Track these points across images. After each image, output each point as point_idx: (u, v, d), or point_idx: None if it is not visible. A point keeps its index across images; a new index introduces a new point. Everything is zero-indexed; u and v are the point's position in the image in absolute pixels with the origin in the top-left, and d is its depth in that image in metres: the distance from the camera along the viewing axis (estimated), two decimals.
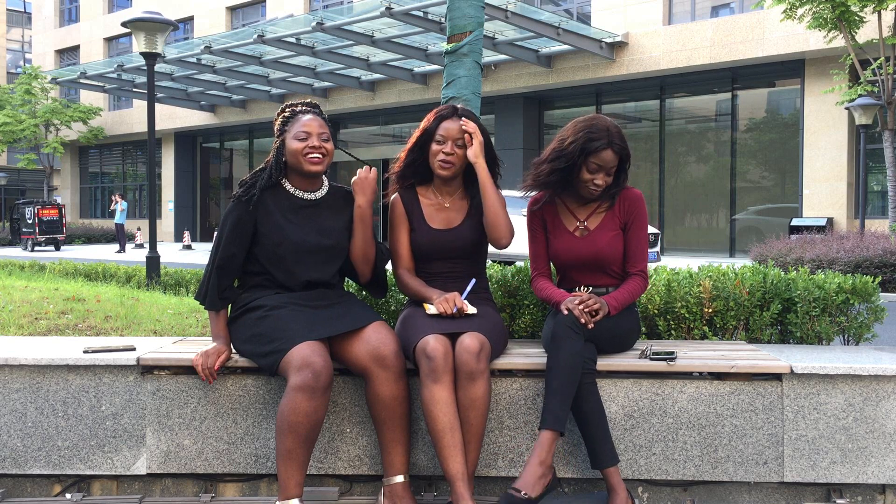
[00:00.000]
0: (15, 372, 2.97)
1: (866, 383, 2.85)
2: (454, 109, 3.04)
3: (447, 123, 2.99)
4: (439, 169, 2.99)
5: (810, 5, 14.13)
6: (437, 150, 2.98)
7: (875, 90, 14.44)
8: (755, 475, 2.87)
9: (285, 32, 18.91)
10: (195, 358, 2.85)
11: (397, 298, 3.50)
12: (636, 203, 3.04)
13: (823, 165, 17.01)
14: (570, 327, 2.73)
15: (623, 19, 18.91)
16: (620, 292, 2.96)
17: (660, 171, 19.81)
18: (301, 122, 2.90)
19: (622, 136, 2.96)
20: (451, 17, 3.96)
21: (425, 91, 21.72)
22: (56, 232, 25.28)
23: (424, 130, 3.02)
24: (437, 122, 3.01)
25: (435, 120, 3.01)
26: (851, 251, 11.16)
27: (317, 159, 2.87)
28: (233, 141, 30.23)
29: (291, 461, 2.59)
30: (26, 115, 31.09)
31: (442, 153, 2.97)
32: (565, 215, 3.09)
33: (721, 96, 19.06)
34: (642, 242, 3.04)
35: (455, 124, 2.98)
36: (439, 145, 2.98)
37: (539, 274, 3.13)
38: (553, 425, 2.63)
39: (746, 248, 16.17)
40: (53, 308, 5.16)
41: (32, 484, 3.03)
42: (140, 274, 8.31)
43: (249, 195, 2.88)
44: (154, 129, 9.90)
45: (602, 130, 2.92)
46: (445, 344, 2.70)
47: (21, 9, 47.46)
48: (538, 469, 2.61)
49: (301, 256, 2.91)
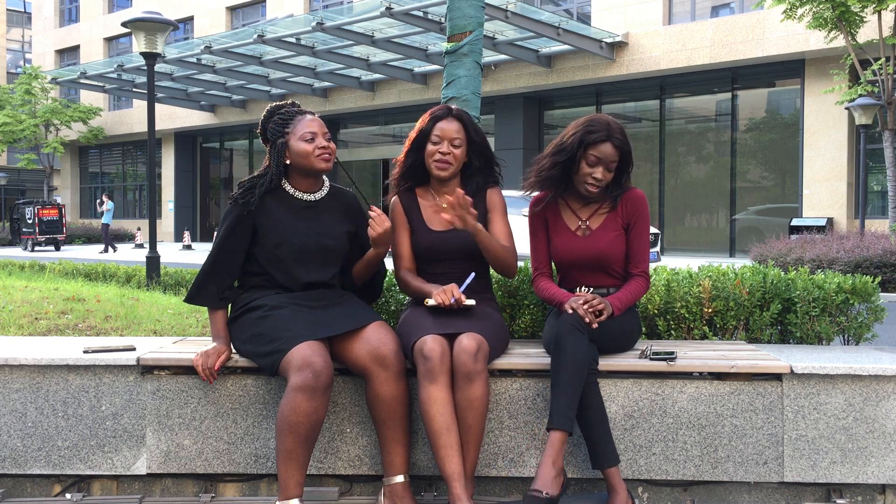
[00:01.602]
0: (15, 372, 2.97)
1: (866, 383, 2.85)
2: (449, 110, 3.05)
3: (442, 124, 3.00)
4: (436, 170, 3.00)
5: (810, 5, 14.13)
6: (433, 151, 2.99)
7: (875, 90, 14.43)
8: (755, 475, 2.87)
9: (285, 32, 18.91)
10: (195, 358, 2.85)
11: (397, 298, 3.50)
12: (639, 204, 3.03)
13: (823, 165, 17.01)
14: (575, 326, 2.72)
15: (623, 19, 18.91)
16: (623, 293, 2.96)
17: (660, 171, 19.81)
18: (303, 123, 2.90)
19: (624, 133, 2.95)
20: (451, 17, 3.96)
21: (425, 91, 21.72)
22: (56, 232, 25.27)
23: (420, 131, 3.03)
24: (433, 122, 3.01)
25: (430, 121, 3.02)
26: (851, 251, 11.16)
27: (327, 157, 2.90)
28: (233, 141, 30.22)
29: (291, 461, 2.59)
30: (26, 115, 31.09)
31: (438, 153, 2.98)
32: (567, 215, 3.09)
33: (721, 96, 19.06)
34: (644, 243, 3.03)
35: (451, 125, 2.99)
36: (435, 146, 2.99)
37: (540, 274, 3.13)
38: (562, 425, 2.63)
39: (746, 248, 16.16)
40: (53, 308, 5.16)
41: (32, 484, 3.03)
42: (140, 274, 8.31)
43: (247, 199, 2.88)
44: (154, 129, 9.89)
45: (602, 124, 2.93)
46: (443, 344, 2.70)
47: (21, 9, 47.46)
48: (552, 469, 2.60)
49: (301, 258, 2.91)
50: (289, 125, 2.91)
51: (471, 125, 3.05)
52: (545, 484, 2.57)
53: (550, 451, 2.62)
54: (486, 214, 3.09)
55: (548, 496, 2.56)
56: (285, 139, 2.90)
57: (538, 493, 2.56)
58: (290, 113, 2.94)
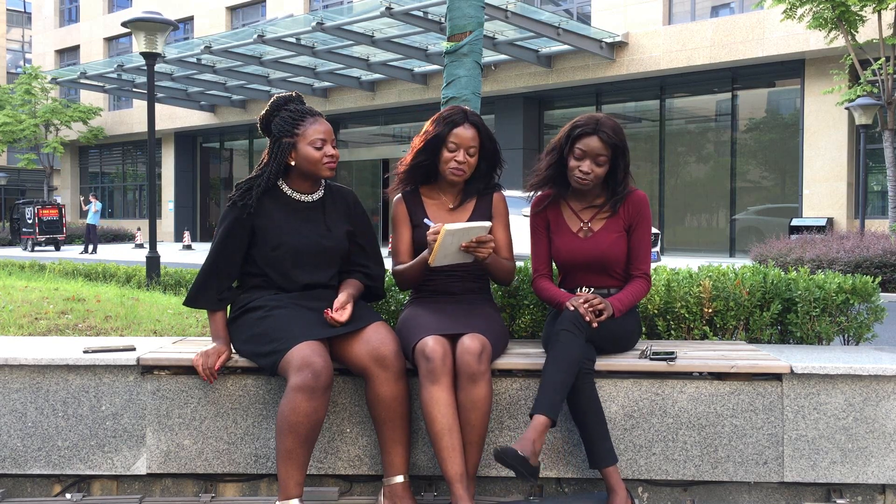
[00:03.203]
0: (15, 372, 2.97)
1: (866, 383, 2.85)
2: (464, 114, 3.00)
3: (459, 130, 2.96)
4: (451, 176, 2.98)
5: (810, 5, 14.13)
6: (449, 158, 2.97)
7: (875, 90, 14.43)
8: (755, 475, 2.87)
9: (285, 32, 18.91)
10: (195, 358, 2.85)
11: (397, 298, 3.50)
12: (640, 205, 3.03)
13: (823, 165, 17.01)
14: (574, 324, 2.72)
15: (623, 19, 18.91)
16: (625, 294, 2.96)
17: (660, 171, 19.81)
18: (314, 128, 2.87)
19: (616, 130, 2.92)
20: (451, 17, 3.96)
21: (425, 91, 21.72)
22: (56, 232, 25.27)
23: (435, 135, 2.98)
24: (449, 127, 2.97)
25: (446, 125, 2.97)
26: (851, 251, 11.16)
27: (333, 165, 2.91)
28: (233, 141, 30.22)
29: (291, 461, 2.59)
30: (26, 115, 31.08)
31: (454, 161, 2.96)
32: (569, 216, 3.08)
33: (721, 96, 19.06)
34: (646, 245, 3.03)
35: (467, 131, 2.96)
36: (451, 153, 2.96)
37: (541, 275, 3.12)
38: (544, 410, 2.57)
39: (746, 248, 16.16)
40: (53, 308, 5.16)
41: (32, 484, 3.03)
42: (140, 274, 8.31)
43: (245, 200, 2.88)
44: (154, 129, 9.89)
45: (591, 119, 2.93)
46: (444, 345, 2.69)
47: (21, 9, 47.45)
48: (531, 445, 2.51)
49: (299, 259, 2.90)
50: (299, 126, 2.88)
51: (484, 131, 3.02)
52: (524, 449, 2.49)
53: (531, 433, 2.54)
54: (490, 220, 3.09)
55: (523, 455, 2.48)
56: (293, 140, 2.87)
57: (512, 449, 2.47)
58: (301, 112, 2.90)
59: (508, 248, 3.11)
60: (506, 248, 3.09)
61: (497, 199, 3.12)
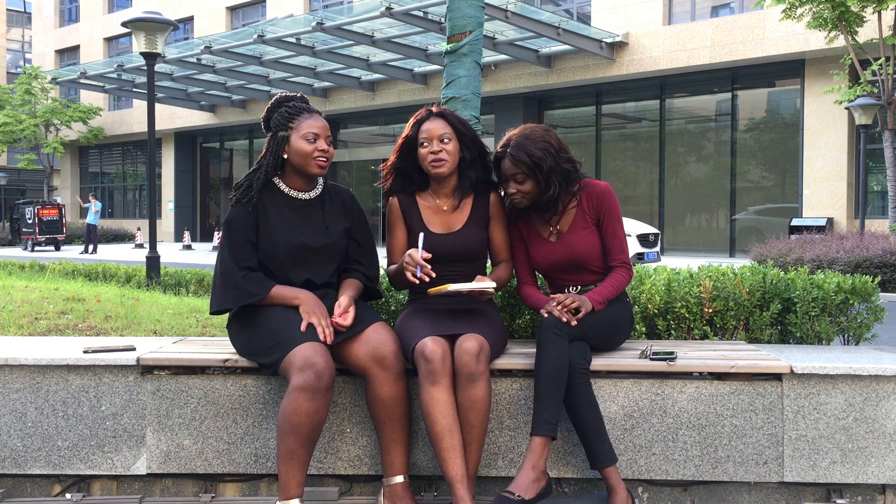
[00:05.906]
0: (15, 372, 2.97)
1: (866, 383, 2.85)
2: (429, 111, 3.06)
3: (426, 125, 3.01)
4: (432, 168, 2.99)
5: (810, 5, 14.12)
6: (425, 154, 2.99)
7: (875, 90, 14.43)
8: (755, 475, 2.87)
9: (285, 32, 18.90)
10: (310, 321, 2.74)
11: (397, 298, 3.50)
12: (604, 196, 3.03)
13: (823, 165, 17.01)
14: (553, 330, 2.74)
15: (623, 19, 18.91)
16: (603, 286, 2.97)
17: (660, 171, 19.81)
18: (308, 122, 2.88)
19: (520, 145, 2.92)
20: (451, 17, 3.96)
21: (425, 91, 21.71)
22: (56, 232, 25.26)
23: (406, 138, 3.04)
24: (416, 126, 3.03)
25: (414, 126, 3.04)
26: (851, 251, 11.16)
27: (323, 162, 2.89)
28: (233, 141, 30.22)
29: (292, 461, 2.59)
30: (26, 115, 31.07)
31: (430, 154, 2.98)
32: (539, 223, 3.12)
33: (721, 96, 19.06)
34: (619, 234, 3.04)
35: (434, 123, 3.00)
36: (425, 148, 2.99)
37: (524, 283, 3.17)
38: (543, 430, 2.65)
39: (746, 248, 16.16)
40: (53, 308, 5.16)
41: (32, 484, 3.03)
42: (140, 274, 8.31)
43: (248, 196, 2.88)
44: (154, 129, 9.90)
45: (506, 140, 3.01)
46: (444, 346, 2.70)
47: (21, 9, 47.45)
48: (531, 473, 2.63)
49: (297, 257, 2.90)
50: (294, 120, 2.89)
51: (454, 119, 3.04)
52: (520, 487, 2.61)
53: (531, 456, 2.65)
54: (488, 221, 3.10)
55: (520, 499, 2.58)
56: (287, 133, 2.88)
57: (510, 495, 2.59)
58: (298, 108, 2.92)
59: (506, 249, 3.13)
60: (504, 250, 3.13)
61: (494, 200, 3.13)
